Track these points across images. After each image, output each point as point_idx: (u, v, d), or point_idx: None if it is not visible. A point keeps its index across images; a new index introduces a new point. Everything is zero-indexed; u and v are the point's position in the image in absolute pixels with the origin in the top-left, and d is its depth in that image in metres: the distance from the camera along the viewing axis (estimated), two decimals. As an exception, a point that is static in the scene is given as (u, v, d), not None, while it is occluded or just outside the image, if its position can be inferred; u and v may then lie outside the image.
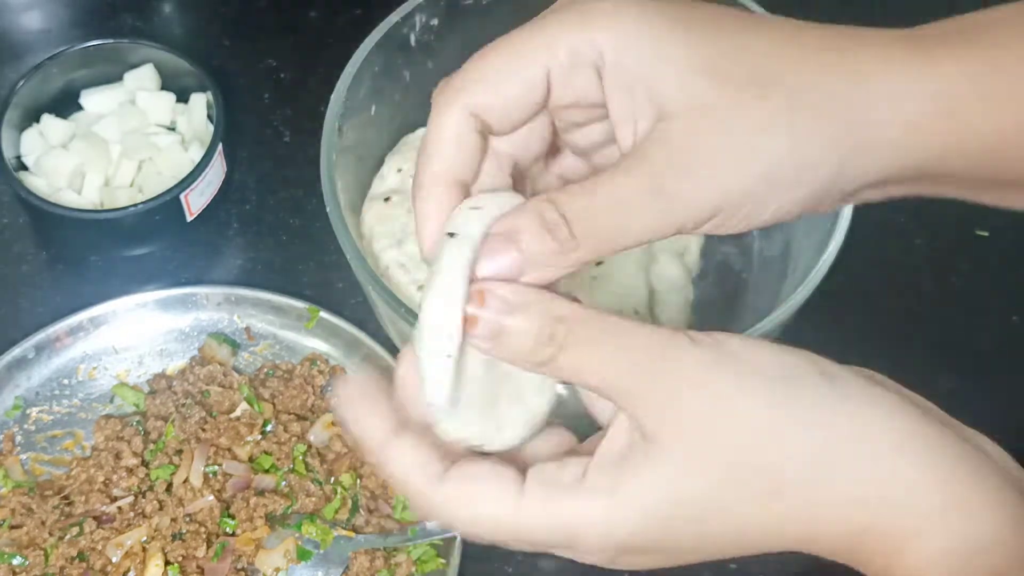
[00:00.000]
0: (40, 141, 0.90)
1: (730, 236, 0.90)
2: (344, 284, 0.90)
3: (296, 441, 0.81)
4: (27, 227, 0.92)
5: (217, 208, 0.91)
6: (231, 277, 0.90)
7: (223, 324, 0.87)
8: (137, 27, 1.02)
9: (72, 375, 0.85)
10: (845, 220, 0.75)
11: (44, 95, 0.90)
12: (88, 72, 0.91)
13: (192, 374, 0.84)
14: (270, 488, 0.79)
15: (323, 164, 0.77)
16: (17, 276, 0.90)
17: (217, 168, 0.88)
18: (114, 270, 0.90)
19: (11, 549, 0.76)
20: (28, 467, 0.82)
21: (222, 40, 1.02)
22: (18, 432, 0.83)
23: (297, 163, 0.95)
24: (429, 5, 0.83)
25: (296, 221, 0.93)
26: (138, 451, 0.80)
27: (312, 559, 0.77)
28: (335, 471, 0.80)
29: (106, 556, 0.76)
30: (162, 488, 0.78)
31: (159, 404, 0.82)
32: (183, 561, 0.76)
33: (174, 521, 0.77)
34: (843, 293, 0.91)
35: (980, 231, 0.94)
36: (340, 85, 0.79)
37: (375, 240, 0.83)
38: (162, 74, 0.92)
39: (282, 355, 0.86)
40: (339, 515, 0.79)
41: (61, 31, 1.01)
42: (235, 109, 0.96)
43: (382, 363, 0.84)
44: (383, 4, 0.83)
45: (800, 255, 0.80)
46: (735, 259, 0.89)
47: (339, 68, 0.80)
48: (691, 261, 0.87)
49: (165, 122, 0.92)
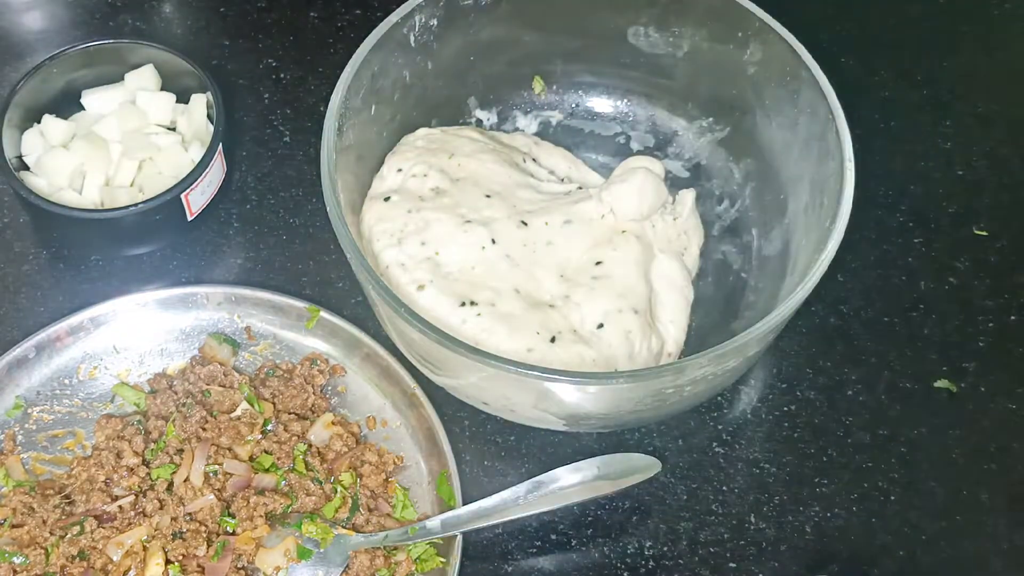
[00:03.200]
0: (41, 141, 0.90)
1: (729, 234, 0.90)
2: (344, 284, 0.90)
3: (296, 440, 0.81)
4: (28, 227, 0.92)
5: (217, 208, 0.92)
6: (231, 277, 0.91)
7: (223, 324, 0.87)
8: (137, 27, 1.02)
9: (73, 374, 0.85)
10: (843, 220, 0.75)
11: (45, 95, 0.90)
12: (89, 72, 0.92)
13: (192, 373, 0.84)
14: (270, 487, 0.79)
15: (323, 164, 0.77)
16: (18, 276, 0.90)
17: (217, 168, 0.88)
18: (114, 270, 0.90)
19: (12, 548, 0.76)
20: (29, 466, 0.82)
21: (222, 40, 1.02)
22: (19, 431, 0.83)
23: (297, 163, 0.96)
24: (429, 5, 0.83)
25: (296, 221, 0.93)
26: (139, 450, 0.80)
27: (312, 558, 0.77)
28: (335, 470, 0.80)
29: (107, 555, 0.76)
30: (163, 487, 0.79)
31: (160, 403, 0.82)
32: (184, 560, 0.76)
33: (175, 520, 0.77)
34: (843, 293, 0.91)
35: (979, 231, 0.94)
36: (340, 85, 0.79)
37: (375, 239, 0.83)
38: (162, 74, 0.92)
39: (282, 355, 0.87)
40: (339, 514, 0.79)
41: (62, 31, 1.01)
42: (235, 109, 0.96)
43: (382, 363, 0.84)
44: (383, 4, 0.83)
45: (799, 254, 0.80)
46: (734, 259, 0.89)
47: (339, 68, 0.80)
48: (691, 261, 0.87)
49: (165, 122, 0.92)
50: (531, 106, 0.94)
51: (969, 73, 1.03)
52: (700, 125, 0.92)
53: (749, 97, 0.86)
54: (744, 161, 0.89)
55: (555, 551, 0.81)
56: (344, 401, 0.85)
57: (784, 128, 0.84)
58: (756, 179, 0.88)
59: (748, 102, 0.86)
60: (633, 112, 0.94)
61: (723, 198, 0.91)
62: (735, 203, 0.90)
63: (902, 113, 1.00)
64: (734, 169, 0.90)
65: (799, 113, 0.81)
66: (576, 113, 0.94)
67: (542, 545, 0.81)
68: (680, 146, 0.93)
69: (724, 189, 0.91)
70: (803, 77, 0.80)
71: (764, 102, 0.85)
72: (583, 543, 0.81)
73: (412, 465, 0.82)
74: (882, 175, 0.96)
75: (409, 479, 0.82)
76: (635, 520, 0.82)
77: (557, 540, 0.81)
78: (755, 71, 0.84)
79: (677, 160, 0.93)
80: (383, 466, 0.81)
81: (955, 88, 1.02)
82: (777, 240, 0.85)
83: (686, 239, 0.87)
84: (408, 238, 0.82)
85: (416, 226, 0.83)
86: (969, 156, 0.98)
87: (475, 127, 0.92)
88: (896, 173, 0.97)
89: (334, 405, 0.85)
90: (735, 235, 0.89)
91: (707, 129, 0.91)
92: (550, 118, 0.94)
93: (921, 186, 0.96)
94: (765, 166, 0.87)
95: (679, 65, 0.89)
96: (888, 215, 0.95)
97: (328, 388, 0.85)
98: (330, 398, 0.85)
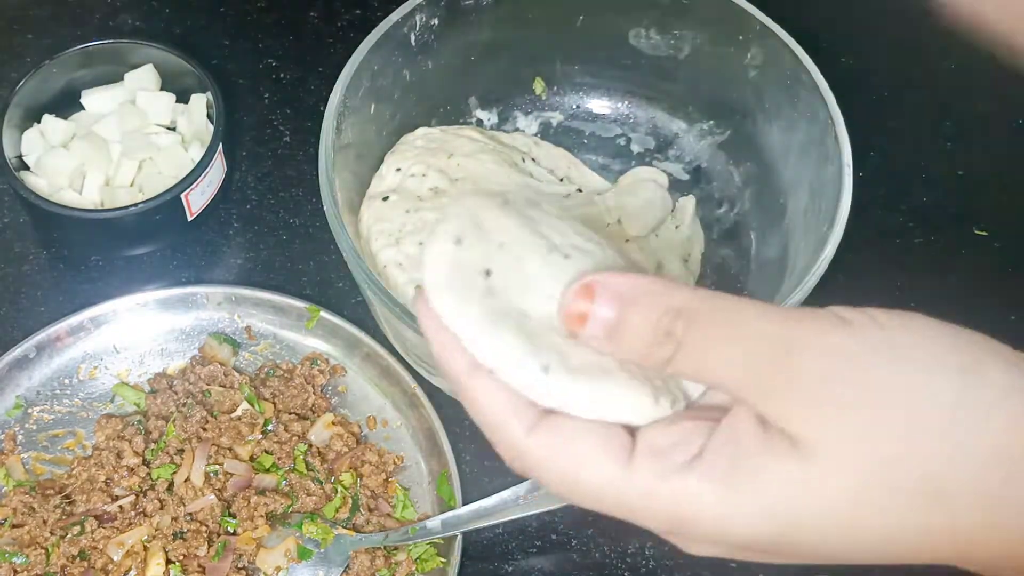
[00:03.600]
0: (41, 141, 0.90)
1: (727, 238, 0.90)
2: (344, 284, 0.90)
3: (297, 440, 0.81)
4: (28, 227, 0.92)
5: (217, 208, 0.92)
6: (231, 277, 0.91)
7: (224, 324, 0.87)
8: (137, 27, 1.02)
9: (73, 374, 0.85)
10: (841, 224, 0.75)
11: (45, 95, 0.90)
12: (88, 72, 0.92)
13: (193, 373, 0.84)
14: (271, 487, 0.79)
15: (321, 162, 0.77)
16: (18, 276, 0.90)
17: (217, 168, 0.88)
18: (115, 270, 0.90)
19: (13, 548, 0.76)
20: (29, 466, 0.82)
21: (222, 40, 1.02)
22: (19, 431, 0.83)
23: (297, 163, 0.96)
24: (429, 5, 0.83)
25: (296, 221, 0.93)
26: (139, 450, 0.80)
27: (312, 558, 0.77)
28: (335, 470, 0.80)
29: (107, 555, 0.76)
30: (163, 487, 0.79)
31: (160, 403, 0.82)
32: (184, 560, 0.76)
33: (175, 520, 0.77)
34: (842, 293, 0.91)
35: (979, 231, 0.94)
36: (339, 84, 0.79)
37: (373, 239, 0.83)
38: (162, 74, 0.92)
39: (282, 355, 0.87)
40: (339, 514, 0.79)
41: (61, 31, 1.01)
42: (235, 109, 0.96)
43: (382, 363, 0.84)
44: (383, 4, 0.83)
45: (797, 257, 0.80)
46: (733, 262, 0.89)
47: (339, 68, 0.80)
48: (692, 266, 0.87)
49: (165, 122, 0.92)
50: (532, 107, 0.94)
51: (969, 73, 1.03)
52: (701, 128, 0.92)
53: (750, 100, 0.86)
54: (744, 164, 0.89)
55: (555, 551, 0.81)
56: (344, 401, 0.85)
57: (784, 131, 0.84)
58: (756, 182, 0.88)
59: (749, 105, 0.86)
60: (634, 114, 0.94)
61: (723, 201, 0.91)
62: (735, 206, 0.90)
63: (902, 113, 1.00)
64: (734, 172, 0.90)
65: (799, 117, 0.81)
66: (577, 114, 0.94)
67: (542, 545, 0.81)
68: (680, 148, 0.93)
69: (724, 192, 0.91)
70: (803, 81, 0.80)
71: (764, 105, 0.85)
72: (583, 543, 0.81)
73: (412, 465, 0.83)
74: (882, 175, 0.96)
75: (409, 479, 0.82)
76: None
77: (557, 540, 0.81)
78: (756, 74, 0.84)
79: (678, 163, 0.93)
80: (383, 466, 0.81)
81: (955, 88, 1.02)
82: (776, 243, 0.85)
83: (688, 245, 0.87)
84: (406, 238, 0.82)
85: (414, 226, 0.83)
86: (969, 156, 0.98)
87: (475, 127, 0.92)
88: (896, 173, 0.97)
89: (334, 405, 0.85)
90: (734, 238, 0.89)
91: (708, 132, 0.91)
92: (551, 119, 0.94)
93: (921, 186, 0.96)
94: (765, 169, 0.87)
95: (680, 67, 0.89)
96: (888, 215, 0.95)
97: (328, 388, 0.85)
98: (330, 398, 0.85)
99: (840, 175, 0.76)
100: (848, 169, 0.76)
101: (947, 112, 1.00)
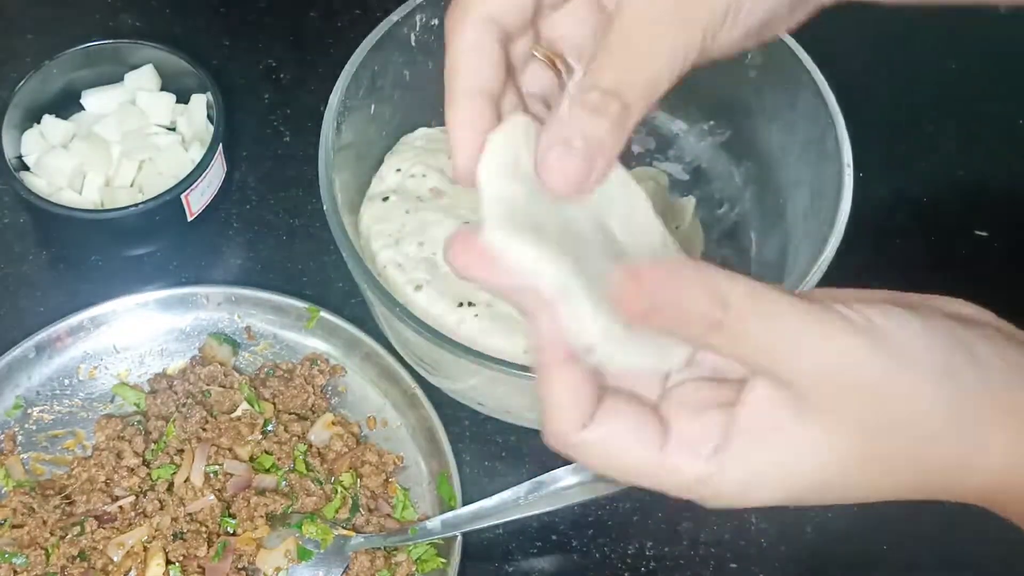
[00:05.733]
0: (41, 141, 0.90)
1: (727, 239, 0.90)
2: (344, 284, 0.90)
3: (297, 441, 0.81)
4: (28, 227, 0.92)
5: (217, 208, 0.92)
6: (231, 277, 0.91)
7: (223, 324, 0.87)
8: (137, 27, 1.02)
9: (73, 375, 0.85)
10: (841, 225, 0.75)
11: (45, 95, 0.90)
12: (88, 72, 0.92)
13: (193, 374, 0.84)
14: (271, 488, 0.79)
15: (321, 162, 0.77)
16: (18, 276, 0.90)
17: (217, 168, 0.88)
18: (114, 270, 0.90)
19: (12, 548, 0.76)
20: (29, 466, 0.82)
21: (222, 40, 1.02)
22: (19, 431, 0.83)
23: (297, 163, 0.96)
24: (429, 5, 0.83)
25: (296, 221, 0.93)
26: (139, 451, 0.80)
27: (312, 559, 0.77)
28: (335, 471, 0.80)
29: (107, 555, 0.76)
30: (163, 488, 0.79)
31: (160, 404, 0.82)
32: (184, 560, 0.76)
33: (175, 521, 0.77)
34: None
35: (980, 231, 0.94)
36: (339, 84, 0.79)
37: (372, 239, 0.83)
38: (162, 74, 0.92)
39: (282, 355, 0.87)
40: (339, 515, 0.79)
41: (62, 31, 1.01)
42: (235, 109, 0.96)
43: (382, 363, 0.84)
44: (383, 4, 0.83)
45: (797, 258, 0.80)
46: (733, 262, 0.88)
47: (339, 68, 0.80)
48: (692, 264, 0.87)
49: (165, 122, 0.92)
50: (532, 107, 0.94)
51: (969, 73, 1.03)
52: (701, 128, 0.92)
53: (750, 100, 0.86)
54: (744, 164, 0.89)
55: (556, 551, 0.81)
56: (344, 401, 0.85)
57: (784, 132, 0.84)
58: (756, 182, 0.88)
59: (749, 105, 0.86)
60: (633, 114, 0.93)
61: (723, 202, 0.91)
62: (735, 207, 0.90)
63: (902, 113, 1.00)
64: (734, 172, 0.90)
65: (799, 117, 0.81)
66: (577, 114, 0.94)
67: (543, 545, 0.81)
68: (681, 149, 0.93)
69: (724, 193, 0.91)
70: (803, 81, 0.80)
71: (765, 105, 0.85)
72: (584, 543, 0.81)
73: (412, 465, 0.83)
74: (882, 175, 0.95)
75: (409, 479, 0.82)
76: (636, 520, 0.82)
77: (558, 540, 0.81)
78: (756, 74, 0.84)
79: (678, 163, 0.93)
80: (383, 466, 0.81)
81: (955, 88, 1.02)
82: (776, 244, 0.85)
83: (688, 245, 0.87)
84: (406, 238, 0.82)
85: (414, 226, 0.83)
86: (969, 156, 0.98)
87: (475, 127, 0.92)
88: (896, 173, 0.97)
89: (334, 405, 0.85)
90: (734, 239, 0.89)
91: (708, 132, 0.91)
92: (551, 119, 0.94)
93: (921, 186, 0.96)
94: (765, 170, 0.87)
95: (681, 68, 0.89)
96: (888, 215, 0.95)
97: (328, 388, 0.85)
98: (330, 398, 0.85)
99: (840, 175, 0.76)
100: (848, 169, 0.76)
101: (947, 112, 1.00)
